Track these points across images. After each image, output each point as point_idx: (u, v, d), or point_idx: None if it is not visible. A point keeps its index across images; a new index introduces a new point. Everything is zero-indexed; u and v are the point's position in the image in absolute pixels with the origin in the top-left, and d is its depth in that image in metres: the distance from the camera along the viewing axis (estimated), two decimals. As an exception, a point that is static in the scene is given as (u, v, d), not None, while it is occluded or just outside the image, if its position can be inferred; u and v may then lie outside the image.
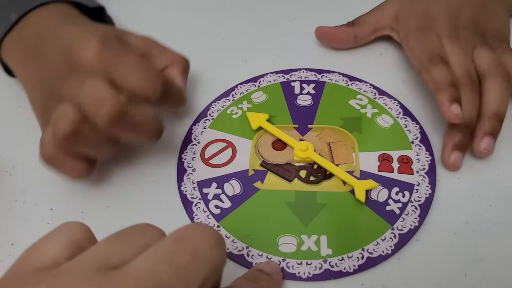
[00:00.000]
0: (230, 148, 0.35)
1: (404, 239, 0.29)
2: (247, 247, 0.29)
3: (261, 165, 0.33)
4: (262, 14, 0.46)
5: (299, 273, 0.28)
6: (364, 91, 0.38)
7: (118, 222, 0.26)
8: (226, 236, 0.30)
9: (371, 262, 0.28)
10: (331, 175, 0.32)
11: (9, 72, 0.37)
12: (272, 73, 0.40)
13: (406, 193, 0.31)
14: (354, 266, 0.28)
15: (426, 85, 0.34)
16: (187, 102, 0.34)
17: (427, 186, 0.31)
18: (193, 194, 0.32)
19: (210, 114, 0.37)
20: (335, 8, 0.46)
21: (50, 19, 0.32)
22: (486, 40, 0.35)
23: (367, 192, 0.31)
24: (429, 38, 0.35)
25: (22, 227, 0.32)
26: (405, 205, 0.31)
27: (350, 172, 0.32)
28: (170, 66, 0.33)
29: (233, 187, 0.32)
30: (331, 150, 0.34)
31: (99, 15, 0.39)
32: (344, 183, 0.32)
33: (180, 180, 0.33)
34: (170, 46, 0.34)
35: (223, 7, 0.47)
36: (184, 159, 0.34)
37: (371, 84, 0.38)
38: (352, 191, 0.31)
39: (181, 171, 0.34)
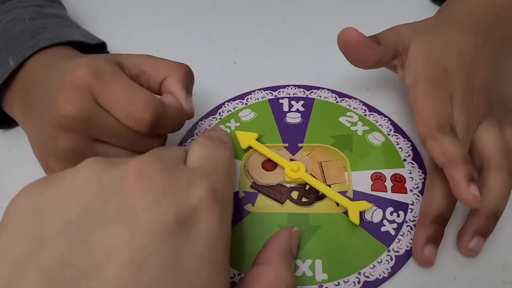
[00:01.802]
0: (218, 169, 0.33)
1: (401, 261, 0.28)
2: (239, 274, 0.28)
3: (251, 186, 0.32)
4: (251, 15, 0.47)
5: (294, 300, 0.27)
6: (354, 108, 0.37)
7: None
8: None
9: (368, 287, 0.27)
10: (323, 196, 0.31)
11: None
12: (260, 89, 0.39)
13: (401, 213, 0.30)
14: (351, 291, 0.27)
15: (433, 156, 0.28)
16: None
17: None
18: (181, 218, 0.31)
19: (197, 134, 0.36)
20: (324, 9, 0.46)
21: (44, 64, 0.31)
22: (495, 111, 0.31)
23: (362, 213, 0.30)
24: (441, 99, 0.29)
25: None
26: (400, 225, 0.30)
27: (343, 192, 0.31)
28: (167, 77, 0.31)
29: (223, 211, 0.31)
30: (322, 170, 0.33)
31: (101, 51, 0.39)
32: (338, 204, 0.31)
33: (167, 204, 0.32)
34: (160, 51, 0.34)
35: (212, 9, 0.48)
36: (171, 181, 0.33)
37: (360, 101, 0.37)
38: (346, 212, 0.30)
39: (168, 195, 0.32)
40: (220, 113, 0.37)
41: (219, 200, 0.21)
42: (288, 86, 0.39)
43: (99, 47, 0.38)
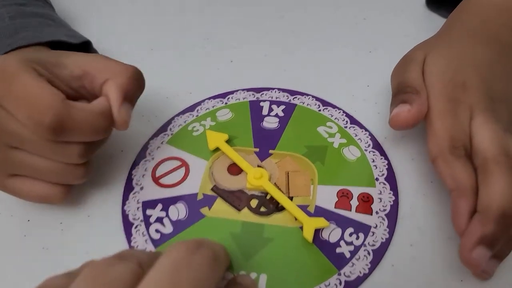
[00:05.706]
0: (183, 167, 0.33)
1: (350, 287, 0.27)
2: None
3: (212, 189, 0.31)
4: (249, 12, 0.46)
5: (230, 314, 0.26)
6: (336, 118, 0.35)
7: (97, 232, 0.30)
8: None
9: (310, 309, 0.26)
10: (283, 208, 0.30)
11: None
12: (243, 90, 0.38)
13: (361, 235, 0.29)
14: (291, 312, 0.26)
15: (442, 179, 0.27)
16: (128, 126, 0.28)
17: (385, 230, 0.29)
18: (135, 215, 0.30)
19: (170, 129, 0.35)
20: (323, 5, 0.46)
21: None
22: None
23: (319, 230, 0.29)
24: (458, 117, 0.28)
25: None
26: (357, 248, 0.28)
27: (305, 206, 0.30)
28: (108, 80, 0.28)
29: (178, 211, 0.30)
30: (288, 180, 0.31)
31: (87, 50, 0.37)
32: (296, 218, 0.29)
33: (125, 198, 0.31)
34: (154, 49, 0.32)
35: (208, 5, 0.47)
36: (134, 175, 0.32)
37: (344, 111, 0.36)
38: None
39: (128, 188, 0.32)
40: (198, 110, 0.36)
41: None
42: (273, 89, 0.38)
43: (85, 46, 0.37)
